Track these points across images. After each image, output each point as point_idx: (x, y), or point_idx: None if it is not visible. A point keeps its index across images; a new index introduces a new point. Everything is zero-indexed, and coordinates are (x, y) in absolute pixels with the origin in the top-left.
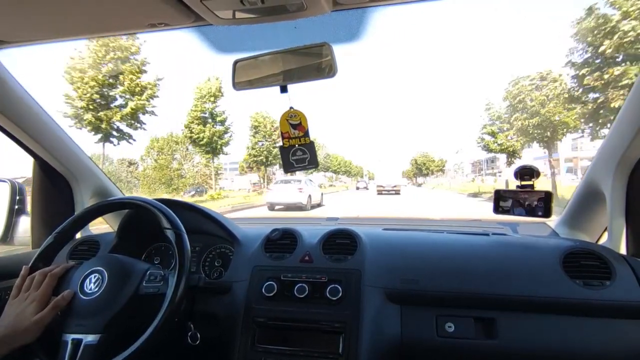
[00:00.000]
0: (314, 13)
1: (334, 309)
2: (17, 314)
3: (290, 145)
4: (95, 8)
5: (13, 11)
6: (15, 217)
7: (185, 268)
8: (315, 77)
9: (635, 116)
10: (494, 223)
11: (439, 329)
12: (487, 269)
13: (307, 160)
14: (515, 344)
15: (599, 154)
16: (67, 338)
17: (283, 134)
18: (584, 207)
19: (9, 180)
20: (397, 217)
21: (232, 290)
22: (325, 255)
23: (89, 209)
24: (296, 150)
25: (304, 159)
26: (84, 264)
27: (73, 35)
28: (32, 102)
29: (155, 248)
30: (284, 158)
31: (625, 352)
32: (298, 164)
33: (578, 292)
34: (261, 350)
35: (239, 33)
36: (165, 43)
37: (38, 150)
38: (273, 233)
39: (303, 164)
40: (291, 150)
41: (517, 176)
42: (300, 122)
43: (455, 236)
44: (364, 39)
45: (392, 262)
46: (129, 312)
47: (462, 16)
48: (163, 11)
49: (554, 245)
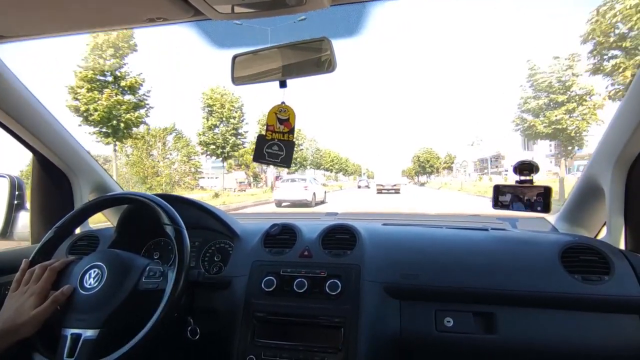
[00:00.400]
0: (313, 7)
1: (333, 304)
2: (17, 307)
3: (271, 138)
4: (94, 2)
5: (11, 6)
6: (14, 212)
7: (184, 264)
8: (315, 72)
9: (634, 112)
10: (493, 218)
11: (438, 324)
12: (486, 263)
13: (281, 158)
14: (514, 338)
15: (598, 150)
16: (66, 333)
17: (268, 125)
18: (583, 202)
19: (8, 176)
20: (396, 212)
21: (231, 285)
22: (324, 250)
23: (89, 203)
24: (273, 144)
25: (277, 155)
26: (84, 259)
27: (71, 30)
28: (31, 97)
29: (155, 243)
30: (258, 147)
31: (623, 346)
32: (270, 157)
33: (577, 286)
34: (260, 345)
35: (238, 28)
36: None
37: (37, 146)
38: (272, 228)
39: (275, 159)
40: (268, 143)
41: (516, 171)
42: (288, 118)
43: (455, 231)
44: (363, 33)
45: (391, 257)
46: (128, 307)
47: (463, 6)
48: (162, 5)
49: (552, 240)
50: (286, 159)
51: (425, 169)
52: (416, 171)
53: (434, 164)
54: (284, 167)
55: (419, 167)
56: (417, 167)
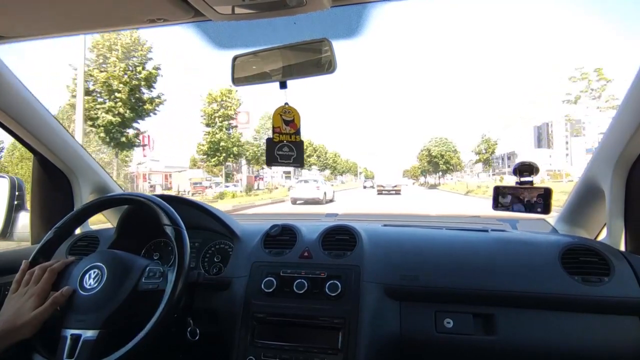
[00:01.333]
0: (314, 8)
1: (333, 305)
2: (16, 308)
3: (279, 140)
4: (94, 3)
5: (11, 6)
6: (14, 213)
7: (184, 265)
8: (315, 72)
9: (634, 113)
10: (493, 219)
11: (438, 325)
12: (486, 265)
13: (293, 158)
14: (514, 339)
15: (599, 151)
16: (66, 333)
17: (274, 128)
18: (583, 203)
19: (8, 176)
20: (396, 213)
21: (231, 286)
22: (324, 251)
23: (89, 204)
24: (283, 146)
25: (289, 155)
26: (84, 260)
27: (72, 31)
28: (31, 98)
29: (155, 244)
30: (269, 151)
31: (623, 348)
32: (282, 159)
33: (576, 288)
34: (260, 345)
35: (238, 29)
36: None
37: (37, 146)
38: (272, 229)
39: (287, 160)
40: (278, 145)
41: (516, 172)
42: (293, 119)
43: (454, 232)
44: (363, 34)
45: (391, 258)
46: (128, 308)
47: (463, 6)
48: (162, 6)
49: (552, 242)
50: (298, 159)
51: (438, 165)
52: (423, 169)
53: (449, 159)
54: (298, 167)
55: (428, 163)
56: (426, 163)
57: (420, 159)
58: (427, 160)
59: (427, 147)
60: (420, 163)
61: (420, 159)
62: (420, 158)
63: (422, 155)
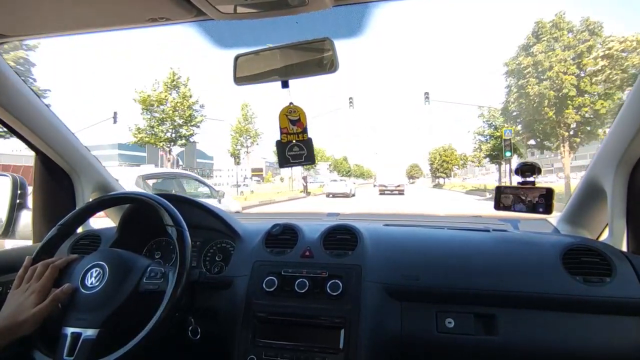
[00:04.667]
0: (316, 8)
1: (334, 304)
2: (18, 304)
3: (288, 141)
4: (96, 2)
5: (12, 5)
6: (16, 212)
7: (185, 266)
8: (317, 72)
9: (637, 114)
10: (494, 219)
11: (439, 325)
12: (488, 265)
13: (304, 156)
14: (515, 340)
15: (601, 151)
16: (66, 331)
17: (281, 129)
18: (585, 204)
19: (10, 175)
20: (398, 212)
21: (232, 285)
22: (325, 250)
23: (92, 202)
24: (293, 146)
25: (300, 154)
26: (86, 258)
27: (73, 30)
28: (33, 96)
29: (156, 242)
30: (280, 153)
31: (624, 348)
32: (294, 159)
33: (578, 288)
34: (262, 345)
35: (240, 28)
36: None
37: (39, 145)
38: (274, 228)
39: (299, 159)
40: (288, 146)
41: (518, 172)
42: (299, 119)
43: (456, 232)
44: (365, 34)
45: (392, 258)
46: (128, 308)
47: (464, 6)
48: (164, 5)
49: (554, 242)
50: (309, 156)
51: (445, 168)
52: (432, 171)
53: (451, 162)
54: (310, 164)
55: (437, 168)
56: (436, 167)
57: (430, 163)
58: (438, 163)
59: (436, 150)
60: (431, 168)
61: (430, 163)
62: (431, 161)
63: (432, 158)
